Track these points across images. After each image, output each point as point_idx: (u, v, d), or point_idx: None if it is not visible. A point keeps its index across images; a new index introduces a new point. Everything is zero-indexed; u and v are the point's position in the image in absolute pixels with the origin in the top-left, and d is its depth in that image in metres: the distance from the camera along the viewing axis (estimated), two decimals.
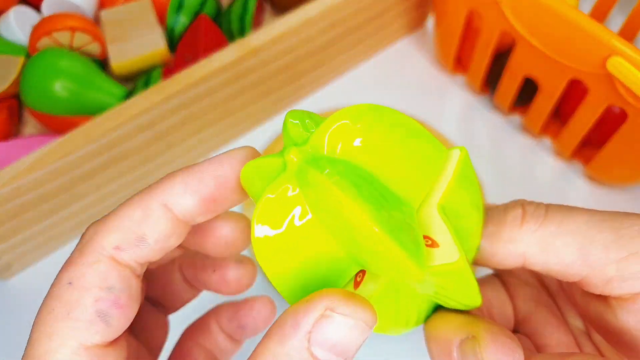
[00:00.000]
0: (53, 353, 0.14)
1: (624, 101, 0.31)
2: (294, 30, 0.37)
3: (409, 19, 0.46)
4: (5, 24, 0.42)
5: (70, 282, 0.15)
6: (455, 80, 0.45)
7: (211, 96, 0.36)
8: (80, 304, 0.15)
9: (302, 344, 0.13)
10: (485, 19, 0.36)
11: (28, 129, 0.42)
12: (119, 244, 0.15)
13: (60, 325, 0.15)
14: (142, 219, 0.16)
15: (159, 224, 0.16)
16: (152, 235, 0.16)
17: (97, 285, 0.15)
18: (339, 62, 0.43)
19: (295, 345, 0.13)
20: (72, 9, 0.43)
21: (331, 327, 0.13)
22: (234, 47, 0.35)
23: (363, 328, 0.13)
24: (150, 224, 0.16)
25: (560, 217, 0.17)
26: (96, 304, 0.15)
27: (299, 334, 0.13)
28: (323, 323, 0.13)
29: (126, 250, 0.16)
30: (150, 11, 0.43)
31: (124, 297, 0.15)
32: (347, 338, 0.13)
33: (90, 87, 0.39)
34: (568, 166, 0.40)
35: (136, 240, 0.16)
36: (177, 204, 0.16)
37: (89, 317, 0.15)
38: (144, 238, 0.16)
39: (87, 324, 0.15)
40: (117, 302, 0.15)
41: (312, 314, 0.13)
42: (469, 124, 0.43)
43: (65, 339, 0.15)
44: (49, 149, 0.31)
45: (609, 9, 0.40)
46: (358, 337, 0.13)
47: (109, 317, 0.15)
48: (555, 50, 0.33)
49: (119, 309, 0.15)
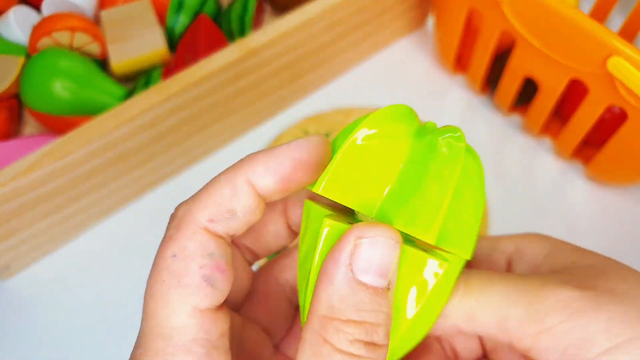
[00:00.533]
0: (172, 318, 0.16)
1: (624, 101, 0.31)
2: (294, 30, 0.37)
3: (409, 19, 0.46)
4: (5, 24, 0.42)
5: (175, 255, 0.16)
6: (456, 80, 0.45)
7: (211, 96, 0.36)
8: (188, 272, 0.16)
9: (347, 277, 0.15)
10: (485, 19, 0.36)
11: (28, 129, 0.42)
12: (213, 217, 0.17)
13: (173, 293, 0.16)
14: (231, 195, 0.17)
15: (246, 199, 0.17)
16: (240, 209, 0.17)
17: (199, 254, 0.16)
18: (339, 62, 0.43)
19: (341, 280, 0.15)
20: (72, 9, 0.43)
21: (365, 251, 0.15)
22: (234, 47, 0.35)
23: (392, 244, 0.15)
24: (239, 199, 0.17)
25: (478, 288, 0.18)
26: (201, 270, 0.16)
27: (341, 269, 0.15)
28: (358, 250, 0.15)
29: (219, 223, 0.17)
30: (150, 11, 0.43)
31: (223, 262, 0.17)
32: (381, 256, 0.15)
33: (90, 87, 0.39)
34: (568, 166, 0.40)
35: (228, 213, 0.17)
36: (259, 182, 0.18)
37: (197, 282, 0.16)
38: (234, 212, 0.17)
39: (197, 289, 0.16)
40: (219, 266, 0.17)
41: (346, 248, 0.15)
42: (469, 124, 0.43)
43: (180, 304, 0.16)
44: (48, 149, 0.31)
45: (609, 9, 0.40)
46: (391, 254, 0.15)
47: (215, 281, 0.16)
48: (556, 50, 0.33)
49: (221, 273, 0.17)
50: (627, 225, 0.38)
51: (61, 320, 0.35)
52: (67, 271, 0.37)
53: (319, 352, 0.15)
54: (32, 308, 0.35)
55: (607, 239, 0.38)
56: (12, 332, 0.35)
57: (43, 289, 0.36)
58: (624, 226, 0.38)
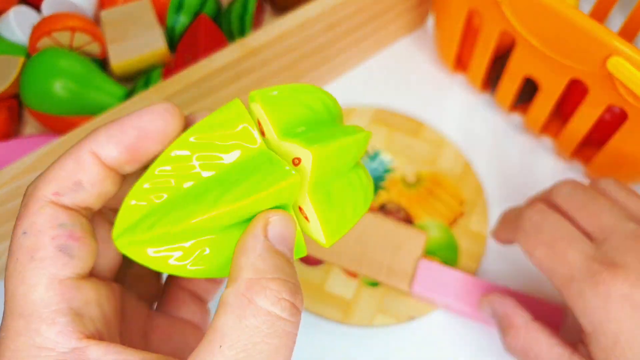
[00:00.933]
0: (30, 294, 0.16)
1: (624, 101, 0.31)
2: (294, 30, 0.37)
3: (409, 19, 0.46)
4: (5, 24, 0.42)
5: (25, 232, 0.16)
6: (456, 80, 0.45)
7: (211, 96, 0.36)
8: (40, 246, 0.16)
9: (267, 245, 0.17)
10: (485, 19, 0.36)
11: (28, 129, 0.42)
12: (57, 190, 0.17)
13: (28, 269, 0.16)
14: (74, 167, 0.17)
15: (91, 170, 0.17)
16: (87, 180, 0.17)
17: (49, 226, 0.16)
18: (339, 62, 0.43)
19: (262, 248, 0.16)
20: (72, 9, 0.43)
21: (276, 227, 0.17)
22: (234, 47, 0.35)
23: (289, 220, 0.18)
24: (83, 170, 0.17)
25: None
26: (54, 240, 0.16)
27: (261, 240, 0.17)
28: (270, 225, 0.17)
29: (66, 195, 0.17)
30: (150, 11, 0.43)
31: (77, 230, 0.17)
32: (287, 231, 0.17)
33: (90, 87, 0.39)
34: (568, 165, 0.40)
35: (73, 185, 0.17)
36: (103, 152, 0.18)
37: (51, 253, 0.16)
38: (80, 183, 0.17)
39: (52, 260, 0.16)
40: (73, 235, 0.17)
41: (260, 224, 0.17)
42: (470, 124, 0.43)
43: (36, 278, 0.16)
44: (49, 149, 0.31)
45: (609, 8, 0.40)
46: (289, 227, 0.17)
47: (70, 249, 0.16)
48: (556, 50, 0.33)
49: (76, 241, 0.17)
50: None
51: None
52: None
53: (243, 314, 0.15)
54: None
55: None
56: None
57: None
58: None
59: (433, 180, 0.39)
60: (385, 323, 0.35)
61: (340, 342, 0.34)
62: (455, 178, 0.40)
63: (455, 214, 0.38)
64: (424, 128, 0.42)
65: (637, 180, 0.38)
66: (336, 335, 0.34)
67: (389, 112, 0.42)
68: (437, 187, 0.39)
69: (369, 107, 0.43)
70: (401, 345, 0.34)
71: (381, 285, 0.36)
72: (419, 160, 0.40)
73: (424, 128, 0.42)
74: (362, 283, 0.36)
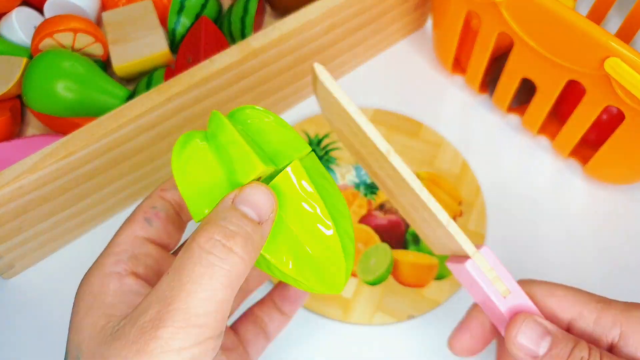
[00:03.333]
0: (116, 238, 0.24)
1: (621, 102, 0.32)
2: (294, 32, 0.37)
3: (408, 21, 0.46)
4: (8, 25, 0.42)
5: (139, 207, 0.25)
6: (454, 81, 0.45)
7: (212, 97, 0.36)
8: (137, 216, 0.24)
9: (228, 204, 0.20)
10: (483, 21, 0.37)
11: (30, 130, 0.42)
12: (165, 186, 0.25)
13: (124, 226, 0.24)
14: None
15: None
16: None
17: (148, 207, 0.25)
18: (339, 63, 0.44)
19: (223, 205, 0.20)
20: (75, 11, 0.43)
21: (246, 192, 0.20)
22: (235, 49, 0.36)
23: (268, 193, 0.21)
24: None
25: None
26: (144, 214, 0.24)
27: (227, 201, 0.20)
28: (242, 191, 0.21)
29: (169, 191, 0.25)
30: (152, 13, 0.43)
31: (162, 213, 0.25)
32: (257, 198, 0.20)
33: (92, 88, 0.39)
34: (566, 166, 0.41)
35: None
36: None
37: (139, 219, 0.24)
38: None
39: (137, 223, 0.24)
40: (157, 214, 0.24)
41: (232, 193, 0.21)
42: (468, 124, 0.43)
43: (124, 231, 0.24)
44: (51, 149, 0.32)
45: (606, 10, 0.41)
46: (266, 199, 0.21)
47: (151, 221, 0.24)
48: (553, 51, 0.33)
49: (158, 219, 0.24)
50: (624, 223, 0.38)
51: (66, 319, 0.35)
52: (71, 270, 0.37)
53: (187, 247, 0.20)
54: (37, 306, 0.36)
55: (604, 237, 0.38)
56: (17, 330, 0.35)
57: (47, 288, 0.36)
58: (620, 225, 0.38)
59: (432, 181, 0.40)
60: (385, 321, 0.35)
61: (340, 340, 0.35)
62: (454, 178, 0.40)
63: (453, 213, 0.38)
64: (423, 129, 0.42)
65: (634, 180, 0.38)
66: (336, 334, 0.35)
67: (388, 113, 0.43)
68: (435, 187, 0.39)
69: (368, 108, 0.43)
70: (400, 344, 0.34)
71: (381, 284, 0.36)
72: (418, 161, 0.41)
73: (423, 129, 0.42)
74: (361, 282, 0.36)
